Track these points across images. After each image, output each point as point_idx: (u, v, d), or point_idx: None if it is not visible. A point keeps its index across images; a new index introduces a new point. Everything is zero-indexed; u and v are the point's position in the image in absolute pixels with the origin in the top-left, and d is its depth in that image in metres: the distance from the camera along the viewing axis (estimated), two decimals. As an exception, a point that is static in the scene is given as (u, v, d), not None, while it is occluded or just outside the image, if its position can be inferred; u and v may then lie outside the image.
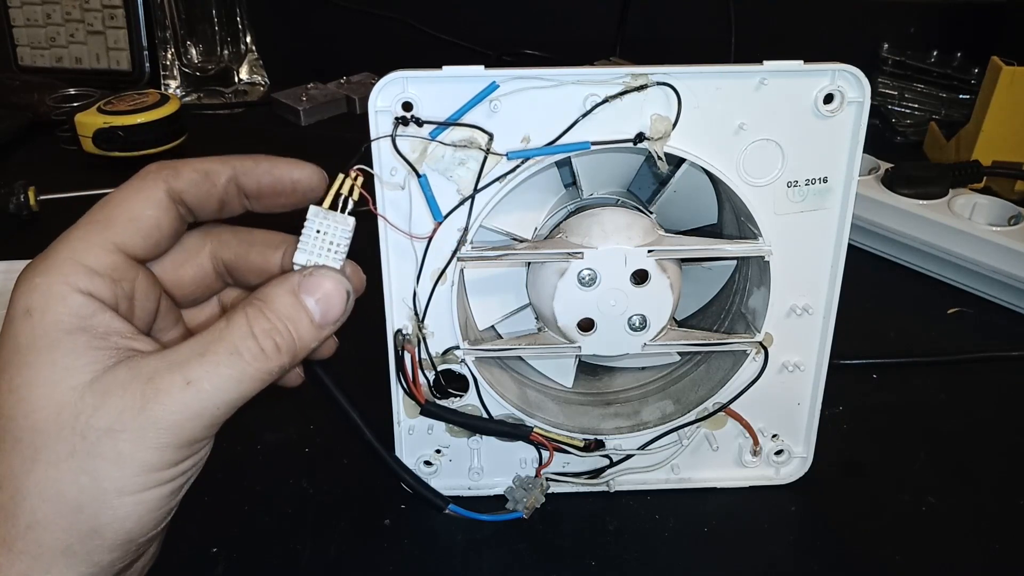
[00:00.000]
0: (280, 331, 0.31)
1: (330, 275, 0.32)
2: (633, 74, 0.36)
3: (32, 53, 0.96)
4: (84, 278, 0.30)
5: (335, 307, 0.32)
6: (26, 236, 0.68)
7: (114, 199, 0.32)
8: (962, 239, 0.60)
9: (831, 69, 0.36)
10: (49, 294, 0.29)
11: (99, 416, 0.28)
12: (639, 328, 0.40)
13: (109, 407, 0.28)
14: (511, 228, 0.41)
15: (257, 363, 0.30)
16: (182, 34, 0.92)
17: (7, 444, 0.28)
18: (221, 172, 0.34)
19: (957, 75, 0.88)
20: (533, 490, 0.42)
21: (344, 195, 0.34)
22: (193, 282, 0.36)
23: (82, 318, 0.29)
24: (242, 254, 0.36)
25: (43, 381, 0.28)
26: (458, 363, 0.41)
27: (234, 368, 0.30)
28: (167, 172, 0.33)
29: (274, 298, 0.31)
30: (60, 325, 0.29)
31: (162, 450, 0.29)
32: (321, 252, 0.33)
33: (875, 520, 0.43)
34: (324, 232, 0.33)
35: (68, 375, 0.29)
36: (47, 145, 0.81)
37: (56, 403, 0.28)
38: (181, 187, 0.33)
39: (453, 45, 0.99)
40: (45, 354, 0.29)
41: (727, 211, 0.43)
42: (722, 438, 0.44)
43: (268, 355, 0.30)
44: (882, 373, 0.54)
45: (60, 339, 0.29)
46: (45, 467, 0.28)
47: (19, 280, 0.30)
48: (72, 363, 0.29)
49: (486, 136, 0.36)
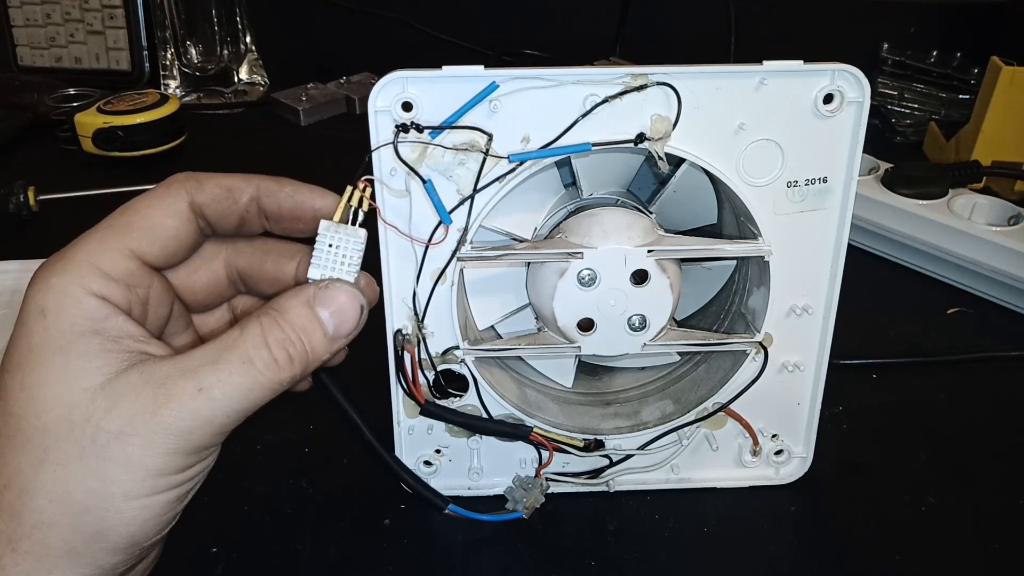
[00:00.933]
0: (293, 342, 0.31)
1: (345, 289, 0.33)
2: (633, 74, 0.36)
3: (32, 53, 0.96)
4: (99, 282, 0.30)
5: (349, 320, 0.33)
6: (26, 236, 0.68)
7: (136, 206, 0.32)
8: (962, 239, 0.60)
9: (831, 69, 0.36)
10: (64, 295, 0.29)
11: (110, 419, 0.28)
12: (639, 328, 0.40)
13: (120, 410, 0.28)
14: (511, 228, 0.41)
15: (269, 373, 0.30)
16: (182, 34, 0.92)
17: (16, 443, 0.28)
18: (244, 190, 0.34)
19: (957, 75, 0.88)
20: (533, 490, 0.42)
21: (354, 207, 0.34)
22: (206, 288, 0.36)
23: (95, 321, 0.29)
24: (256, 263, 0.36)
25: (55, 382, 0.29)
26: (458, 363, 0.41)
27: (246, 377, 0.30)
28: (191, 184, 0.33)
29: (289, 309, 0.31)
30: (74, 327, 0.29)
31: (171, 455, 0.29)
32: (335, 266, 0.33)
33: (875, 520, 0.43)
34: (337, 246, 0.33)
35: (80, 377, 0.29)
36: (47, 145, 0.81)
37: (67, 404, 0.28)
38: (203, 201, 0.33)
39: (453, 45, 0.99)
40: (58, 355, 0.29)
41: (727, 211, 0.43)
42: (722, 438, 0.44)
43: (280, 365, 0.30)
44: (882, 373, 0.54)
45: (73, 341, 0.29)
46: (54, 468, 0.28)
47: (34, 279, 0.30)
48: (84, 365, 0.29)
49: (485, 136, 0.36)
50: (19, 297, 0.30)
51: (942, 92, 0.89)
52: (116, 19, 0.94)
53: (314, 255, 0.33)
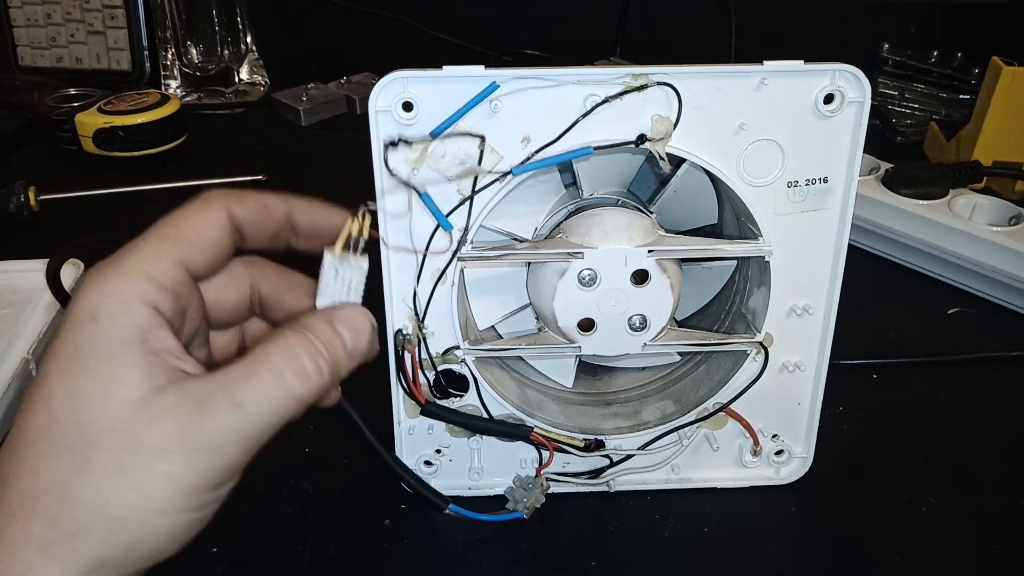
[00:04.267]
0: (322, 353, 0.32)
1: (356, 309, 0.34)
2: (633, 74, 0.36)
3: (32, 53, 0.96)
4: (151, 290, 0.31)
5: (363, 337, 0.34)
6: (26, 236, 0.68)
7: (181, 218, 0.33)
8: (962, 239, 0.60)
9: (831, 69, 0.36)
10: (117, 300, 0.30)
11: (150, 435, 0.29)
12: (639, 328, 0.40)
13: (160, 427, 0.29)
14: (511, 228, 0.41)
15: (299, 384, 0.31)
16: (182, 34, 0.92)
17: (59, 449, 0.29)
18: (279, 206, 0.35)
19: (957, 75, 0.88)
20: (533, 490, 0.42)
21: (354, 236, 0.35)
22: (231, 307, 0.37)
23: (142, 330, 0.30)
24: (279, 292, 0.37)
25: (100, 391, 0.29)
26: (458, 363, 0.41)
27: (278, 389, 0.31)
28: (231, 198, 0.34)
29: (312, 324, 0.33)
30: (122, 333, 0.29)
31: (207, 472, 0.30)
32: (340, 293, 0.34)
33: (875, 520, 0.43)
34: (341, 275, 0.34)
35: (123, 388, 0.29)
36: (48, 145, 0.81)
37: (110, 416, 0.29)
38: (242, 214, 0.34)
39: (453, 45, 0.99)
40: (104, 363, 0.29)
41: (727, 211, 0.43)
42: (722, 438, 0.44)
43: (310, 376, 0.32)
44: (882, 373, 0.54)
45: (118, 349, 0.29)
46: (95, 478, 0.28)
47: (87, 283, 0.30)
48: (126, 375, 0.29)
49: (477, 138, 0.36)
50: (19, 297, 0.30)
51: (943, 92, 0.89)
52: (117, 19, 0.94)
53: (320, 285, 0.34)
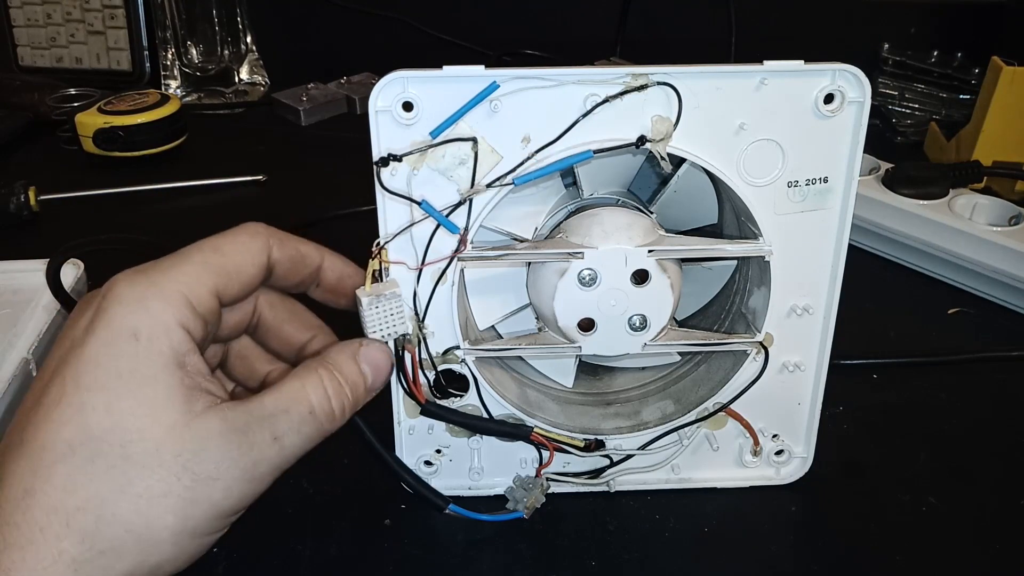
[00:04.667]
0: (347, 395, 0.34)
1: (380, 347, 0.36)
2: (633, 74, 0.36)
3: (32, 53, 0.96)
4: (189, 315, 0.31)
5: (382, 375, 0.36)
6: (26, 236, 0.68)
7: (225, 247, 0.33)
8: (962, 239, 0.60)
9: (831, 69, 0.36)
10: (159, 321, 0.30)
11: (199, 462, 0.29)
12: (639, 328, 0.40)
13: (209, 455, 0.29)
14: (511, 228, 0.41)
15: (326, 423, 0.33)
16: (182, 34, 0.92)
17: (98, 468, 0.28)
18: (315, 258, 0.37)
19: (957, 75, 0.88)
20: (533, 490, 0.42)
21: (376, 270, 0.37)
22: (234, 326, 0.37)
23: (180, 354, 0.30)
24: (279, 321, 0.38)
25: (143, 413, 0.29)
26: (458, 363, 0.41)
27: (311, 427, 0.32)
28: (274, 239, 0.35)
29: (342, 363, 0.34)
30: (162, 355, 0.30)
31: (242, 499, 0.31)
32: (388, 325, 0.36)
33: (875, 520, 0.43)
34: (381, 307, 0.36)
35: (165, 411, 0.29)
36: (48, 145, 0.81)
37: (154, 439, 0.29)
38: (280, 258, 0.35)
39: (453, 45, 0.99)
40: (147, 385, 0.29)
41: (727, 211, 0.43)
42: (722, 438, 0.44)
43: (335, 416, 0.33)
44: (882, 373, 0.54)
45: (161, 371, 0.30)
46: (136, 500, 0.29)
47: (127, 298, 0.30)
48: (168, 398, 0.29)
49: (471, 139, 0.36)
50: (20, 296, 0.30)
51: (943, 92, 0.89)
52: (117, 19, 0.94)
53: (366, 322, 0.36)
